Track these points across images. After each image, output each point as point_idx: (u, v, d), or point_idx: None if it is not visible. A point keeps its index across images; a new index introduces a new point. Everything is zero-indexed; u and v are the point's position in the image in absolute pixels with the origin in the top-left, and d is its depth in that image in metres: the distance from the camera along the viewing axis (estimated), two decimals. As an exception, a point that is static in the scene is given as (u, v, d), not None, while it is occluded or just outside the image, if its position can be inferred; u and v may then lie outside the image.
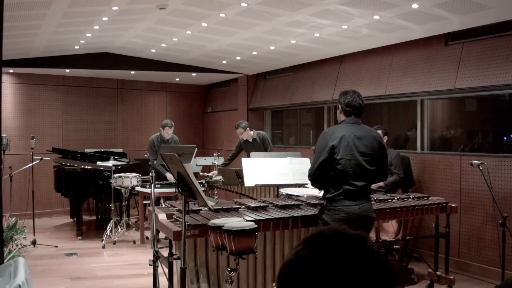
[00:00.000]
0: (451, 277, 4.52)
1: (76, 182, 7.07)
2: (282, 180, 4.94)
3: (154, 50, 7.63)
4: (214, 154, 7.32)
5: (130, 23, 6.05)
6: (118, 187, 6.65)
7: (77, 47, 7.42)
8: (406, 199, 4.55)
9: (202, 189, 4.92)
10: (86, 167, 7.19)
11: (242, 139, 6.99)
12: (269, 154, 6.15)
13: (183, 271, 3.08)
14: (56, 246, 6.37)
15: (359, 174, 3.37)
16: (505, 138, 5.50)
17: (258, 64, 8.16)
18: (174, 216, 3.73)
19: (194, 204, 3.92)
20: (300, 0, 4.66)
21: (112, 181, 6.63)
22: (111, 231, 6.63)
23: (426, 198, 4.63)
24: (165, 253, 3.68)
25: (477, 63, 5.21)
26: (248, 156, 6.40)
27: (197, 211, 3.78)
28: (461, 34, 5.41)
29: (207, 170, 8.45)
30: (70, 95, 9.20)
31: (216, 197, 6.40)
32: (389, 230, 5.20)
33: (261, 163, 5.08)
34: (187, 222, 3.16)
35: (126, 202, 7.30)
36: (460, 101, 6.00)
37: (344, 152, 3.34)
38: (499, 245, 4.49)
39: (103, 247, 6.40)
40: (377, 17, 4.97)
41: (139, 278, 5.11)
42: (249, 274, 3.62)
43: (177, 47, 7.26)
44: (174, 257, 3.46)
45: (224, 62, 8.13)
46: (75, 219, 7.48)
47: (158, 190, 6.30)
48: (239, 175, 5.63)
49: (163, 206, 5.03)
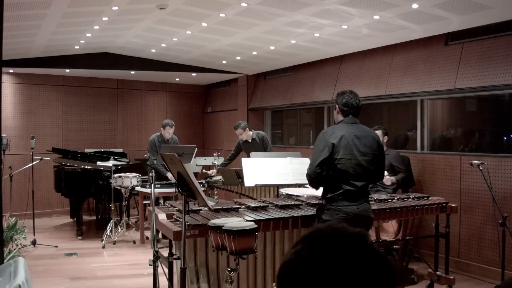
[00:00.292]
0: (451, 277, 4.52)
1: (76, 182, 7.07)
2: (282, 180, 4.94)
3: (154, 50, 7.63)
4: (214, 154, 7.32)
5: (130, 23, 6.05)
6: (118, 187, 6.65)
7: (77, 47, 7.42)
8: (406, 199, 4.55)
9: (202, 189, 4.92)
10: (86, 167, 7.19)
11: (242, 140, 6.99)
12: (269, 154, 6.15)
13: (183, 271, 3.08)
14: (56, 246, 6.37)
15: (359, 174, 3.37)
16: (505, 138, 5.50)
17: (258, 64, 8.16)
18: (174, 216, 3.73)
19: (194, 204, 3.92)
20: (300, 0, 4.66)
21: (112, 181, 6.63)
22: (111, 231, 6.63)
23: (426, 198, 4.63)
24: (165, 253, 3.69)
25: (477, 63, 5.21)
26: (248, 156, 6.41)
27: (197, 211, 3.78)
28: (461, 34, 5.41)
29: (207, 170, 8.46)
30: (70, 95, 9.20)
31: (216, 197, 6.40)
32: (389, 230, 5.20)
33: (261, 163, 5.07)
34: (187, 222, 3.16)
35: (126, 202, 7.30)
36: (460, 101, 6.00)
37: (344, 151, 3.34)
38: (499, 245, 4.49)
39: (103, 247, 6.40)
40: (377, 17, 4.97)
41: (139, 278, 5.11)
42: (249, 274, 3.62)
43: (177, 47, 7.26)
44: (174, 257, 3.46)
45: (224, 62, 8.13)
46: (75, 219, 7.49)
47: (158, 190, 6.30)
48: (239, 175, 5.63)
49: (163, 206, 5.03)
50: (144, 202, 6.81)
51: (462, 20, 4.87)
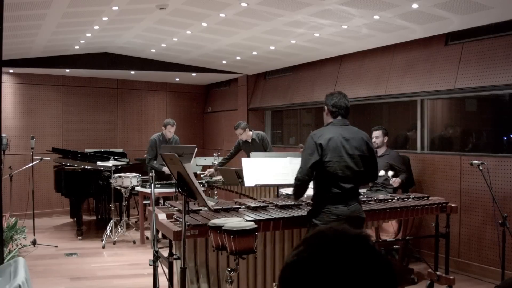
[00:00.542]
0: (451, 277, 4.52)
1: (76, 182, 7.07)
2: (282, 180, 4.94)
3: (154, 50, 7.63)
4: (214, 154, 7.31)
5: (130, 23, 6.05)
6: (118, 187, 6.65)
7: (77, 47, 7.42)
8: (406, 199, 4.55)
9: (202, 189, 4.92)
10: (86, 167, 7.19)
11: (241, 140, 6.99)
12: (269, 154, 6.15)
13: (183, 271, 3.08)
14: (56, 246, 6.37)
15: (348, 176, 3.35)
16: (505, 138, 5.50)
17: (258, 64, 8.16)
18: (174, 216, 3.73)
19: (194, 204, 3.92)
20: (300, 0, 4.66)
21: (112, 181, 6.63)
22: (111, 231, 6.63)
23: (426, 198, 4.63)
24: (165, 253, 3.69)
25: (477, 63, 5.21)
26: (248, 156, 6.41)
27: (197, 211, 3.79)
28: (461, 34, 5.41)
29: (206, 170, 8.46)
30: (70, 95, 9.20)
31: (216, 197, 6.39)
32: (389, 230, 5.20)
33: (261, 163, 5.08)
34: (187, 222, 3.16)
35: (126, 202, 7.30)
36: (460, 101, 6.00)
37: (332, 154, 3.32)
38: (499, 245, 4.49)
39: (103, 247, 6.40)
40: (377, 17, 4.97)
41: (139, 278, 5.11)
42: (249, 274, 3.62)
43: (177, 47, 7.26)
44: (174, 257, 3.46)
45: (224, 62, 8.13)
46: (75, 219, 7.49)
47: (158, 190, 6.30)
48: (239, 175, 5.63)
49: (163, 206, 5.03)
50: (144, 202, 6.81)
51: (462, 20, 4.87)
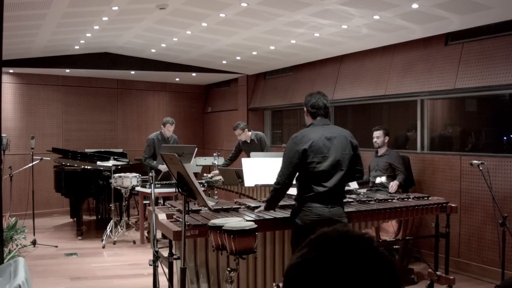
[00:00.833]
0: (451, 277, 4.52)
1: (76, 182, 7.07)
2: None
3: (154, 50, 7.63)
4: (214, 154, 7.31)
5: (130, 23, 6.05)
6: (118, 187, 6.65)
7: (77, 47, 7.42)
8: (406, 199, 4.56)
9: (202, 189, 4.92)
10: (86, 167, 7.19)
11: (241, 140, 6.99)
12: (269, 154, 6.15)
13: (183, 271, 3.08)
14: (56, 246, 6.37)
15: (331, 175, 3.31)
16: (505, 138, 5.50)
17: (258, 64, 8.16)
18: (174, 216, 3.73)
19: (194, 204, 3.92)
20: (300, 0, 4.66)
21: (112, 181, 6.63)
22: (111, 231, 6.63)
23: (426, 198, 4.63)
24: (165, 253, 3.69)
25: (477, 63, 5.21)
26: (248, 156, 6.41)
27: (197, 211, 3.79)
28: (461, 34, 5.41)
29: (207, 170, 8.45)
30: (70, 95, 9.20)
31: (216, 197, 6.39)
32: (389, 230, 5.20)
33: (261, 163, 5.08)
34: (187, 222, 3.16)
35: (126, 202, 7.30)
36: (460, 101, 6.00)
37: (314, 155, 3.30)
38: (499, 245, 4.49)
39: (103, 247, 6.40)
40: (377, 17, 4.97)
41: (139, 278, 5.11)
42: (249, 274, 3.62)
43: (177, 47, 7.26)
44: (174, 257, 3.46)
45: (224, 62, 8.13)
46: (75, 219, 7.49)
47: (158, 190, 6.30)
48: (239, 175, 5.63)
49: (163, 206, 5.03)
50: (144, 202, 6.81)
51: (462, 20, 4.87)
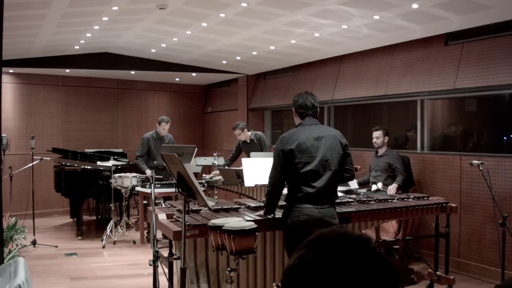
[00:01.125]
0: (451, 277, 4.52)
1: (76, 182, 7.07)
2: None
3: (154, 50, 7.63)
4: (214, 154, 7.31)
5: (130, 23, 6.05)
6: (118, 187, 6.65)
7: (77, 47, 7.42)
8: (406, 199, 4.56)
9: (202, 189, 4.92)
10: (86, 167, 7.19)
11: (241, 140, 6.99)
12: (269, 154, 6.15)
13: (183, 271, 3.08)
14: (56, 246, 6.37)
15: (319, 176, 3.29)
16: (505, 138, 5.50)
17: (258, 64, 8.16)
18: (174, 216, 3.73)
19: (194, 204, 3.92)
20: (300, 0, 4.66)
21: (112, 181, 6.63)
22: (111, 231, 6.63)
23: (426, 198, 4.63)
24: (165, 253, 3.69)
25: (477, 63, 5.21)
26: (248, 156, 6.41)
27: (197, 211, 3.79)
28: (461, 34, 5.41)
29: (207, 170, 8.46)
30: (70, 95, 9.20)
31: (216, 197, 6.39)
32: (389, 230, 5.20)
33: (261, 163, 5.08)
34: (187, 222, 3.16)
35: (126, 202, 7.30)
36: (460, 101, 6.00)
37: (302, 155, 3.28)
38: (499, 245, 4.49)
39: (103, 247, 6.40)
40: (377, 17, 4.97)
41: (139, 278, 5.11)
42: (249, 274, 3.62)
43: (177, 47, 7.26)
44: (174, 257, 3.46)
45: (224, 62, 8.13)
46: (75, 219, 7.49)
47: (158, 190, 6.30)
48: (239, 175, 5.63)
49: (163, 206, 5.03)
50: (144, 202, 6.81)
51: (462, 20, 4.87)
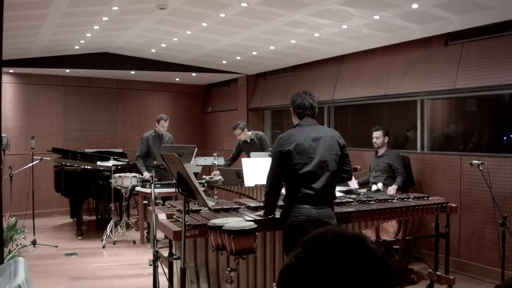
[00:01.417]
0: (451, 277, 4.52)
1: (76, 182, 7.07)
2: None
3: (154, 50, 7.63)
4: (214, 154, 7.31)
5: (130, 23, 6.05)
6: (118, 187, 6.65)
7: (77, 47, 7.42)
8: (406, 199, 4.56)
9: (202, 189, 4.92)
10: (86, 167, 7.19)
11: (241, 140, 6.99)
12: (269, 154, 6.15)
13: (183, 271, 3.08)
14: (56, 246, 6.37)
15: (318, 176, 3.28)
16: (505, 138, 5.50)
17: (258, 64, 8.16)
18: (174, 216, 3.73)
19: (194, 204, 3.92)
20: (300, 0, 4.66)
21: (112, 181, 6.63)
22: (111, 231, 6.63)
23: (426, 198, 4.63)
24: (165, 253, 3.69)
25: (477, 63, 5.21)
26: (248, 156, 6.41)
27: (197, 211, 3.79)
28: (461, 34, 5.41)
29: (207, 170, 8.45)
30: (70, 95, 9.20)
31: (216, 197, 6.39)
32: (389, 230, 5.20)
33: (261, 163, 5.08)
34: (187, 222, 3.16)
35: (126, 202, 7.30)
36: (460, 101, 6.00)
37: (300, 156, 3.27)
38: (499, 245, 4.49)
39: (103, 247, 6.40)
40: (377, 17, 4.97)
41: (139, 278, 5.11)
42: (249, 274, 3.62)
43: (177, 47, 7.26)
44: (174, 257, 3.46)
45: (224, 62, 8.13)
46: (75, 219, 7.49)
47: (158, 190, 6.30)
48: (239, 175, 5.63)
49: (163, 206, 5.03)
50: (144, 202, 6.81)
51: (462, 20, 4.87)
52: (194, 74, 8.99)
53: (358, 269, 0.87)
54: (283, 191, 3.50)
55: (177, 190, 3.20)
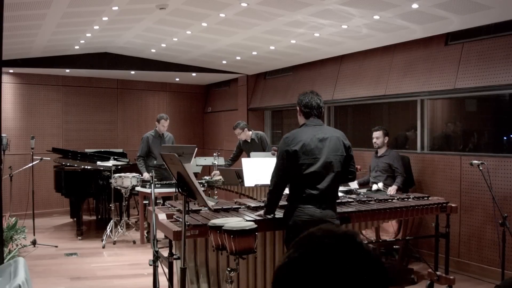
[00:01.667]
0: (451, 277, 4.53)
1: (76, 182, 7.07)
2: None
3: (154, 50, 7.63)
4: (214, 154, 7.31)
5: (130, 23, 6.05)
6: (118, 187, 6.65)
7: (77, 47, 7.42)
8: (406, 199, 4.56)
9: (202, 189, 4.92)
10: (86, 167, 7.19)
11: (241, 140, 6.99)
12: (269, 154, 6.15)
13: (183, 271, 3.08)
14: (56, 246, 6.37)
15: (323, 177, 3.28)
16: (505, 138, 5.50)
17: (258, 64, 8.16)
18: (174, 216, 3.73)
19: (194, 204, 3.92)
20: (300, 0, 4.66)
21: (112, 181, 6.63)
22: (111, 231, 6.63)
23: (426, 198, 4.63)
24: (165, 253, 3.69)
25: (477, 63, 5.21)
26: (248, 156, 6.41)
27: (197, 211, 3.79)
28: (461, 34, 5.41)
29: (207, 170, 8.45)
30: (70, 95, 9.20)
31: (216, 197, 6.39)
32: (389, 230, 5.20)
33: (261, 163, 5.08)
34: (187, 222, 3.16)
35: (126, 202, 7.30)
36: (460, 101, 6.00)
37: (306, 156, 3.26)
38: (499, 245, 4.49)
39: (103, 247, 6.40)
40: (377, 17, 4.97)
41: (139, 278, 5.11)
42: (249, 274, 3.62)
43: (177, 47, 7.26)
44: (174, 257, 3.46)
45: (224, 62, 8.13)
46: (75, 219, 7.49)
47: (158, 190, 6.30)
48: (239, 175, 5.63)
49: (163, 206, 5.03)
50: (144, 202, 6.81)
51: (462, 20, 4.87)
52: (194, 74, 8.99)
53: (351, 265, 0.88)
54: (286, 191, 3.50)
55: (177, 190, 3.20)
